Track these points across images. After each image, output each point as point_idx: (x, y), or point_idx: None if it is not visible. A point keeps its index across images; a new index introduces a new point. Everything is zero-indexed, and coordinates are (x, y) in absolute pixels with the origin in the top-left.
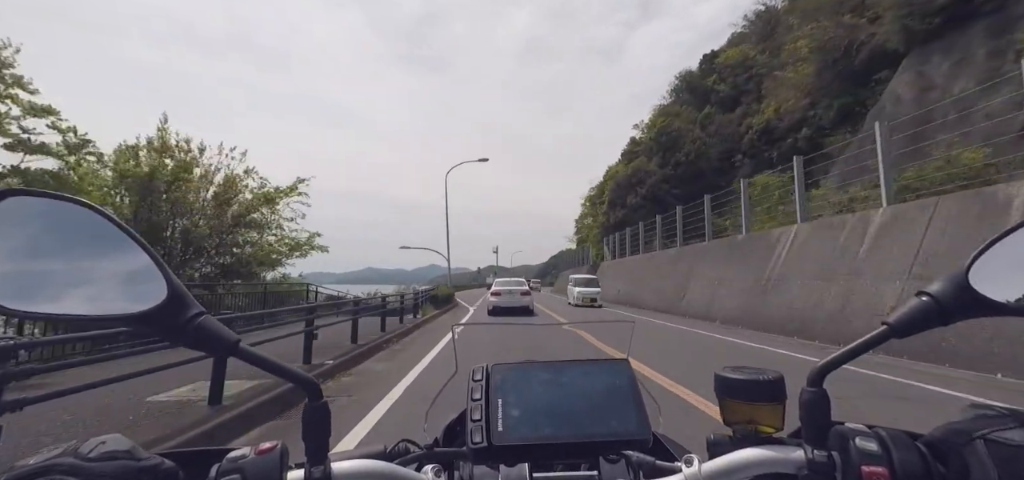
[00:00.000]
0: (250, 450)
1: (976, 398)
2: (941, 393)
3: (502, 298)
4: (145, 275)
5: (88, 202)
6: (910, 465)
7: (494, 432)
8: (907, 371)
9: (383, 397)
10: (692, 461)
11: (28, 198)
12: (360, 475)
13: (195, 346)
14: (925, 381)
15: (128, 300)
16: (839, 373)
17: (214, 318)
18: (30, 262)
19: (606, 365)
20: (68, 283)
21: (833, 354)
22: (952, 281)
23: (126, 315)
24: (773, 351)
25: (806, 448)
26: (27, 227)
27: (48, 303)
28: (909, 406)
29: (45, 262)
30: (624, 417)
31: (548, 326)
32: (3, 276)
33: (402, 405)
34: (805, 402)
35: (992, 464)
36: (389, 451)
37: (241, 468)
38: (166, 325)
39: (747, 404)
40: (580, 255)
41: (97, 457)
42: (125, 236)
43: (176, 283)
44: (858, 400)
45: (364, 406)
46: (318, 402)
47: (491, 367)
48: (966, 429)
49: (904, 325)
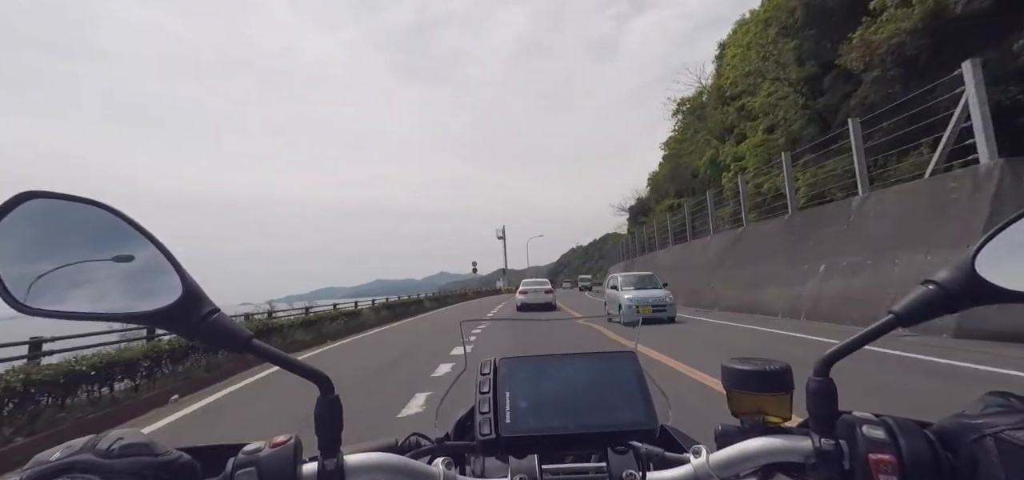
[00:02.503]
0: (264, 444)
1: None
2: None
3: (529, 296)
4: (160, 273)
5: (103, 203)
6: (918, 453)
7: (502, 424)
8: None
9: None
10: (700, 451)
11: (46, 200)
12: (373, 467)
13: (210, 343)
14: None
15: (145, 298)
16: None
17: (227, 316)
18: (50, 262)
19: (613, 357)
20: (86, 282)
21: (839, 343)
22: (959, 269)
23: (143, 313)
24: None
25: (813, 437)
26: (46, 228)
27: (68, 302)
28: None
29: (64, 262)
30: (632, 408)
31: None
32: (24, 277)
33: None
34: (812, 391)
35: (1001, 463)
36: (401, 444)
37: (256, 461)
38: (182, 323)
39: (754, 394)
40: (627, 245)
41: (116, 453)
42: (140, 235)
43: (191, 280)
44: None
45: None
46: (330, 396)
47: (498, 360)
48: (978, 423)
49: (910, 313)
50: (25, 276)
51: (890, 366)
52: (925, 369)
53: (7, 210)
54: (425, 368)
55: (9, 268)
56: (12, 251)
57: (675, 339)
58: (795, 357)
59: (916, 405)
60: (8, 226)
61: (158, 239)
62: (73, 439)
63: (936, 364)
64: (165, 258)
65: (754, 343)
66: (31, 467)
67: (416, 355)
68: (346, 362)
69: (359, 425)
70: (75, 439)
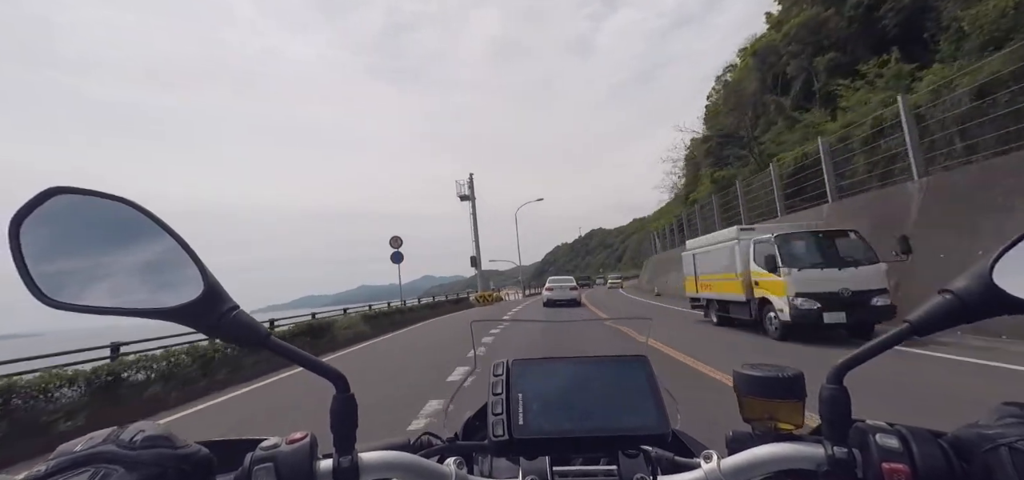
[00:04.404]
0: (281, 440)
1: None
2: None
3: (555, 292)
4: (182, 269)
5: (129, 199)
6: (931, 462)
7: (515, 425)
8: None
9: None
10: (711, 457)
11: (72, 196)
12: (386, 465)
13: (230, 339)
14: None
15: (167, 294)
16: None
17: (247, 313)
18: (75, 257)
19: (625, 361)
20: (111, 277)
21: (853, 352)
22: (976, 278)
23: (166, 309)
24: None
25: (826, 445)
26: (71, 224)
27: (93, 297)
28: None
29: (89, 257)
30: (643, 412)
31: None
32: (50, 271)
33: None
34: (826, 399)
35: (1015, 474)
36: (413, 443)
37: (274, 456)
38: (203, 319)
39: (766, 401)
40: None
41: (139, 444)
42: (164, 232)
43: (211, 277)
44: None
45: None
46: (346, 394)
47: (511, 362)
48: (992, 434)
49: (926, 323)
50: (52, 270)
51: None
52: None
53: (34, 206)
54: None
55: (36, 262)
56: (39, 246)
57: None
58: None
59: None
60: (35, 221)
61: (181, 236)
62: (95, 431)
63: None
64: (187, 255)
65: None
66: (56, 457)
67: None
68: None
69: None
70: (97, 431)
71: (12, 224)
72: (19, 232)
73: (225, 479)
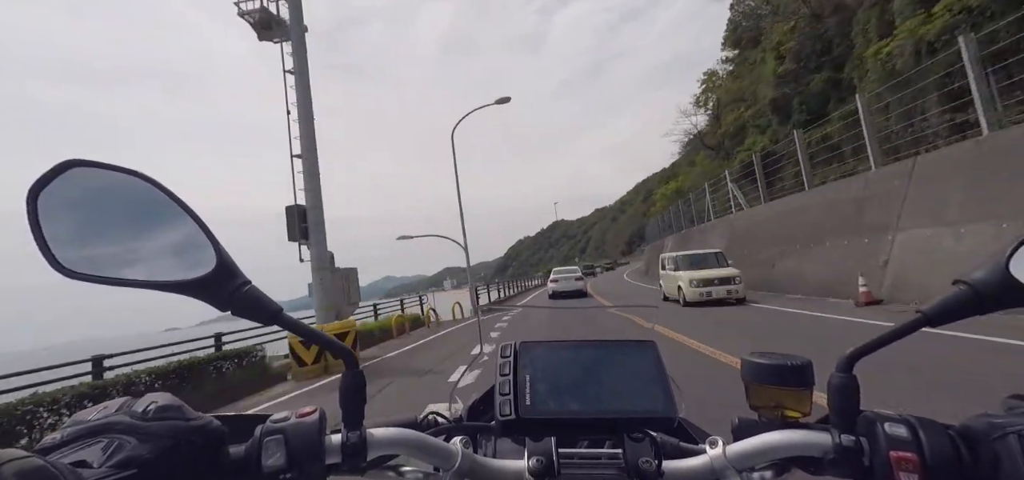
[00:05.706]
0: (291, 414)
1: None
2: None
3: (560, 283)
4: (196, 244)
5: (143, 173)
6: (940, 451)
7: (522, 406)
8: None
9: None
10: (717, 443)
11: (88, 169)
12: (394, 441)
13: (241, 314)
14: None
15: (181, 268)
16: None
17: (258, 289)
18: (91, 229)
19: (633, 346)
20: (126, 250)
21: (864, 341)
22: (991, 270)
23: (179, 282)
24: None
25: (833, 433)
26: (89, 196)
27: (107, 268)
28: None
29: (105, 230)
30: (650, 397)
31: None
32: (66, 241)
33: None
34: (834, 387)
35: (1023, 461)
36: (420, 422)
37: (284, 429)
38: (215, 293)
39: (774, 388)
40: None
41: (152, 415)
42: (177, 207)
43: (224, 252)
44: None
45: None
46: (355, 371)
47: (519, 344)
48: (1001, 423)
49: (939, 313)
50: (68, 241)
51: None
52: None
53: (52, 177)
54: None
55: (53, 232)
56: (56, 216)
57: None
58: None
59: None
60: (52, 192)
61: (195, 211)
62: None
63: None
64: (201, 230)
65: None
66: (70, 425)
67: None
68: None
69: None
70: (110, 401)
71: (29, 195)
72: (37, 203)
73: (237, 450)
